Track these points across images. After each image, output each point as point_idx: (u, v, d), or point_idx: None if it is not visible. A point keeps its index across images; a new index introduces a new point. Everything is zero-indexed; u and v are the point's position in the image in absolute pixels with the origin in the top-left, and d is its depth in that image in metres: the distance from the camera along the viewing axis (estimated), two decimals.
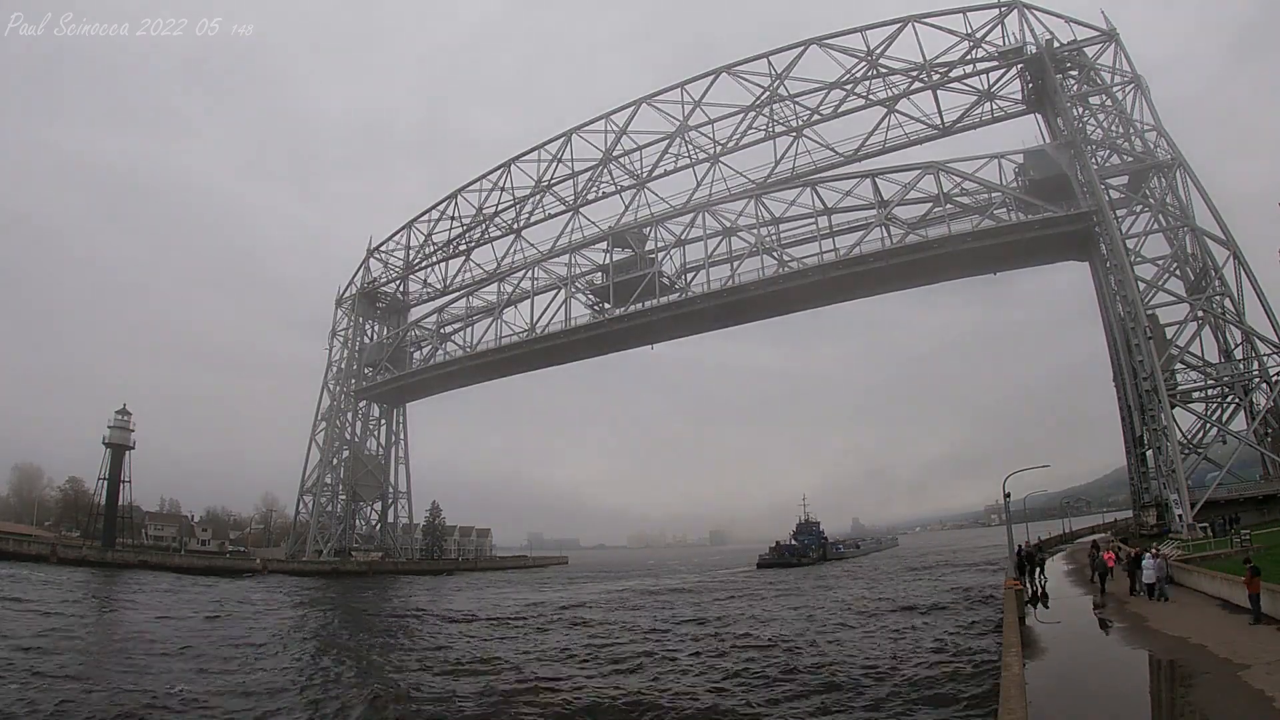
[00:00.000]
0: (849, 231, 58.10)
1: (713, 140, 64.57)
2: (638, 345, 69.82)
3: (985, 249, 52.78)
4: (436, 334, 78.81)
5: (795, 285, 58.15)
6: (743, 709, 14.81)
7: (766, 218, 60.39)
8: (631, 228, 66.84)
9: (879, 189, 56.46)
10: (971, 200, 54.74)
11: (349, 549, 78.54)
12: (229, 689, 17.60)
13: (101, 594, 40.23)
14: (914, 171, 55.00)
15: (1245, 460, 43.00)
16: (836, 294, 60.32)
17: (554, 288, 69.65)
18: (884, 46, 57.71)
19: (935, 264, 54.74)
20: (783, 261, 58.82)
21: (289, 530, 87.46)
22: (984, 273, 57.51)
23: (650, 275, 62.65)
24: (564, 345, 68.91)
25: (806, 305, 63.17)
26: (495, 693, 16.92)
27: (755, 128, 63.24)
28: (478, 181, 76.57)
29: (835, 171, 59.79)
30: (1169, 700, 11.22)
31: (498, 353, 71.29)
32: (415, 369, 79.16)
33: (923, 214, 55.36)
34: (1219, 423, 44.07)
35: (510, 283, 72.56)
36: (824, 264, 56.77)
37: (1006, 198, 53.03)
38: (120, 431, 73.28)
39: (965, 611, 27.76)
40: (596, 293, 67.79)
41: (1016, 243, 51.86)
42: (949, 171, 53.99)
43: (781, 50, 60.65)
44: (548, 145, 71.72)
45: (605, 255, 67.66)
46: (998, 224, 52.29)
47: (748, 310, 62.94)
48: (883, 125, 59.29)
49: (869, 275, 56.31)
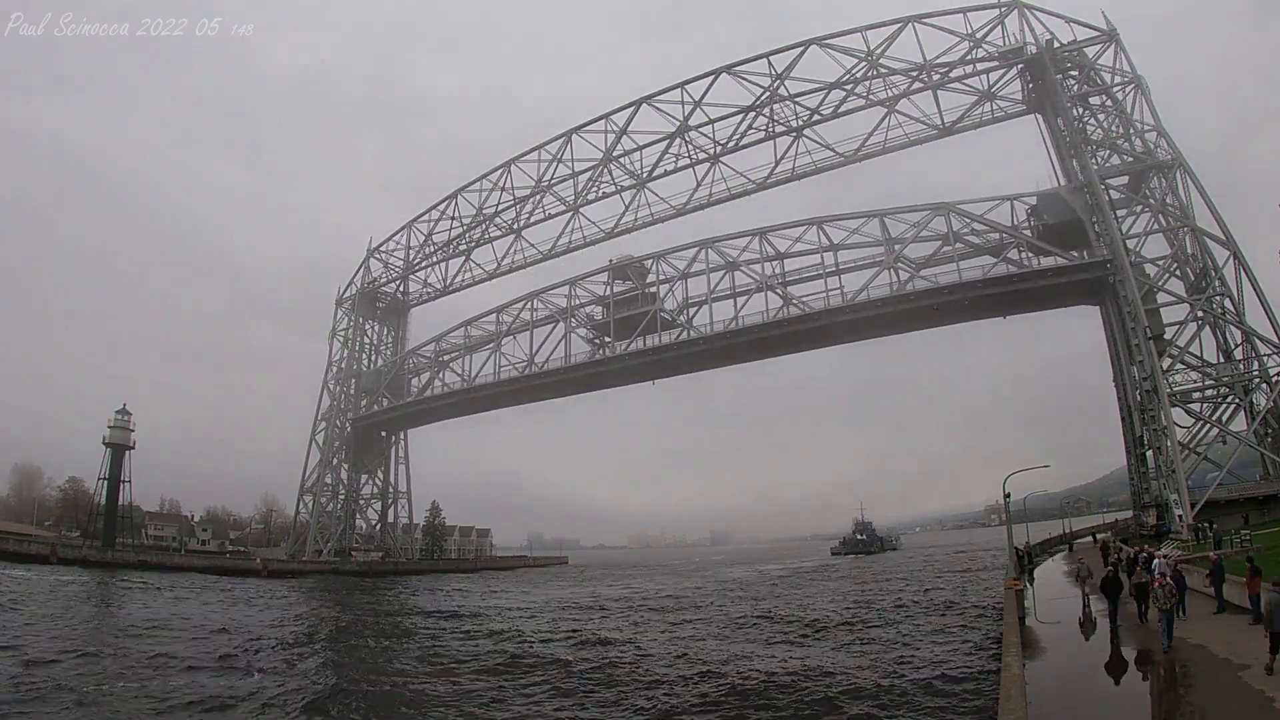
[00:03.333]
0: (855, 269, 56.83)
1: (713, 140, 64.54)
2: (638, 382, 68.80)
3: (996, 296, 51.65)
4: (435, 361, 78.28)
5: (801, 329, 57.21)
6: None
7: (770, 253, 59.37)
8: (632, 261, 66.09)
9: (887, 228, 54.95)
10: (982, 240, 53.49)
11: (349, 549, 78.57)
12: (235, 692, 17.62)
13: (103, 596, 40.25)
14: (923, 212, 53.79)
15: (1245, 460, 43.01)
16: (842, 336, 58.99)
17: (553, 320, 68.93)
18: (884, 47, 57.63)
19: (944, 309, 53.78)
20: (787, 299, 57.42)
21: (289, 530, 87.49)
22: (993, 316, 56.03)
23: (652, 313, 61.74)
24: (563, 381, 68.46)
25: (812, 346, 62.17)
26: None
27: (755, 128, 63.17)
28: (478, 181, 76.58)
29: (842, 211, 58.91)
30: (1169, 700, 11.23)
31: (495, 387, 71.07)
32: (412, 400, 78.50)
33: (931, 253, 54.12)
34: (1219, 423, 44.10)
35: (510, 313, 71.91)
36: (830, 308, 55.43)
37: (1019, 244, 51.77)
38: (120, 431, 73.20)
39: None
40: (596, 327, 66.96)
41: (1029, 291, 50.64)
42: (959, 213, 52.90)
43: (781, 50, 60.60)
44: (548, 145, 71.68)
45: (605, 286, 67.06)
46: (1009, 270, 50.86)
47: (752, 350, 61.95)
48: (883, 125, 59.28)
49: (876, 319, 55.33)
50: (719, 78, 62.51)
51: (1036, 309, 56.00)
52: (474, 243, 78.84)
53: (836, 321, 55.74)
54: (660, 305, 62.75)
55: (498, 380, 70.54)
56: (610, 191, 69.96)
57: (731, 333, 59.35)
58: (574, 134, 69.70)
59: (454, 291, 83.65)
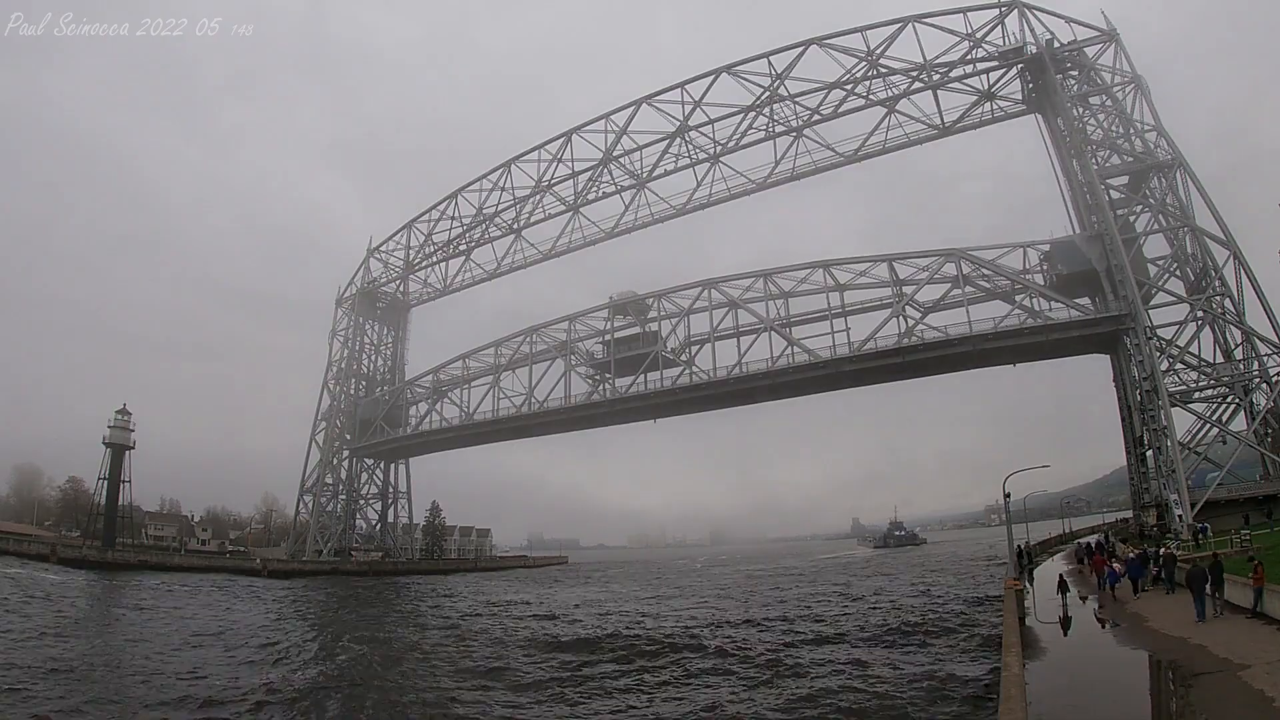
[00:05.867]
0: (862, 311, 56.00)
1: (713, 140, 64.51)
2: (638, 420, 67.85)
3: (1006, 348, 50.96)
4: (434, 391, 77.83)
5: (806, 377, 56.46)
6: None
7: (774, 291, 58.65)
8: (633, 299, 65.49)
9: (895, 271, 54.11)
10: (992, 285, 52.66)
11: (349, 549, 78.54)
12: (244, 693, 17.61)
13: (107, 598, 40.24)
14: (934, 257, 53.12)
15: (1245, 460, 43.03)
16: (848, 383, 58.13)
17: (552, 356, 68.25)
18: (884, 46, 57.58)
19: (953, 359, 53.12)
20: (792, 341, 56.44)
21: (289, 530, 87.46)
22: (1002, 364, 55.11)
23: (653, 354, 61.05)
24: (562, 421, 68.05)
25: (817, 390, 61.19)
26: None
27: (755, 128, 63.12)
28: (478, 181, 76.58)
29: (850, 255, 57.29)
30: (1169, 700, 11.23)
31: (493, 424, 70.70)
32: (409, 435, 77.94)
33: (940, 296, 53.19)
34: (1219, 423, 44.11)
35: (509, 346, 71.31)
36: (837, 358, 54.47)
37: (1031, 293, 50.85)
38: (120, 431, 73.18)
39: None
40: (596, 365, 66.17)
41: (1040, 343, 49.80)
42: (970, 259, 52.16)
43: (781, 50, 60.58)
44: (548, 145, 71.68)
45: (605, 322, 66.41)
46: (1020, 318, 49.98)
47: (755, 395, 61.07)
48: (883, 125, 59.25)
49: (884, 368, 54.68)
50: (719, 78, 62.52)
51: (1047, 357, 54.45)
52: (474, 243, 78.85)
53: (843, 371, 54.81)
54: (663, 346, 61.60)
55: (496, 418, 69.87)
56: (610, 191, 69.99)
57: (735, 379, 58.21)
58: (574, 134, 69.75)
59: (454, 291, 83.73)
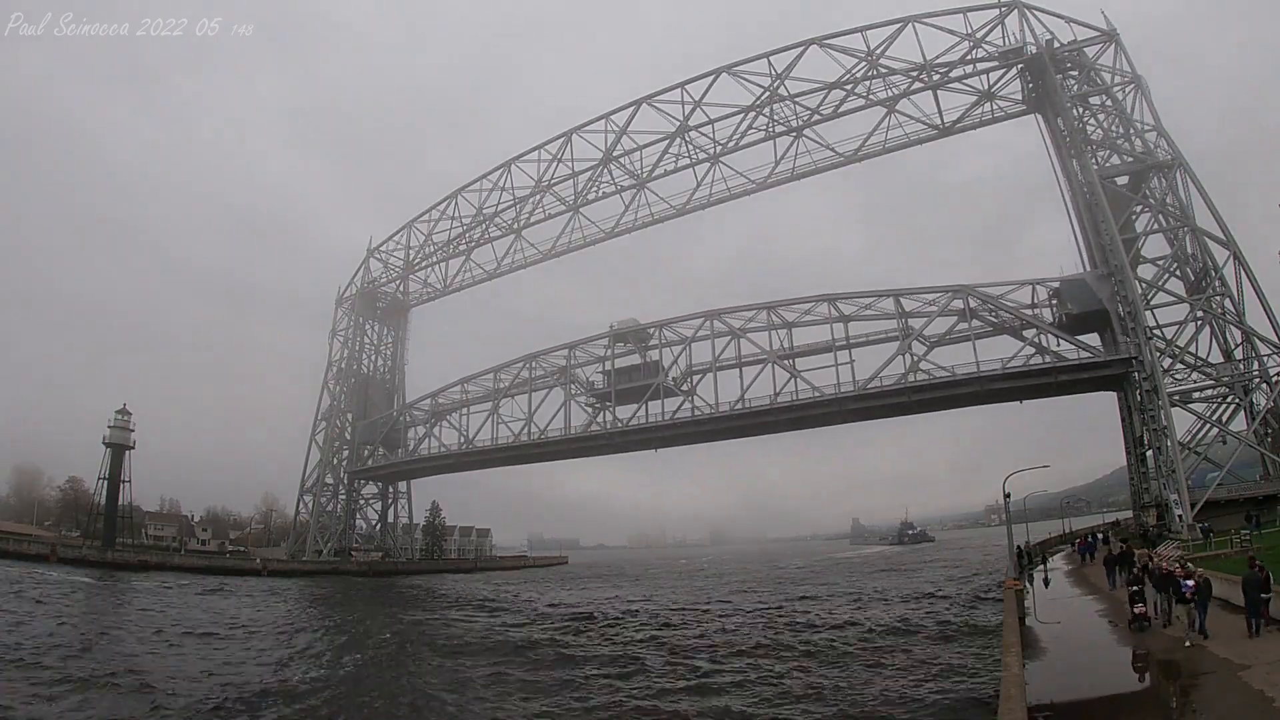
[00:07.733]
0: (867, 344, 55.64)
1: (713, 140, 64.51)
2: (639, 450, 67.56)
3: (1014, 388, 50.72)
4: (433, 415, 77.57)
5: (810, 414, 56.31)
6: None
7: (777, 322, 58.35)
8: (634, 327, 65.04)
9: (901, 305, 53.56)
10: (999, 320, 52.17)
11: (349, 549, 78.58)
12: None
13: (109, 600, 40.23)
14: (940, 293, 52.71)
15: (1245, 460, 43.02)
16: (852, 418, 57.63)
17: (550, 385, 68.12)
18: (884, 46, 57.54)
19: (960, 399, 53.10)
20: (795, 374, 56.06)
21: (289, 530, 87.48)
22: (1008, 401, 54.47)
23: (655, 385, 60.88)
24: (561, 450, 67.94)
25: (820, 424, 60.76)
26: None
27: (755, 128, 63.10)
28: (478, 182, 76.67)
29: (856, 289, 56.61)
30: (1169, 700, 11.23)
31: (492, 453, 70.59)
32: (408, 460, 77.86)
33: (946, 330, 52.84)
34: (1219, 423, 44.10)
35: (509, 372, 70.94)
36: (841, 395, 54.09)
37: (1040, 332, 50.33)
38: (120, 431, 73.16)
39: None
40: (596, 395, 65.84)
41: (1047, 383, 49.65)
42: (978, 294, 51.77)
43: (781, 50, 60.58)
44: (548, 145, 71.74)
45: (606, 349, 66.24)
46: (1028, 357, 49.66)
47: (756, 428, 60.89)
48: (883, 125, 59.24)
49: (888, 406, 54.43)
50: (719, 78, 62.52)
51: (1053, 395, 53.86)
52: (474, 243, 78.89)
53: (846, 409, 54.61)
54: (664, 377, 61.30)
55: (495, 445, 69.67)
56: (610, 191, 69.98)
57: (737, 414, 58.00)
58: (574, 134, 69.78)
59: (454, 291, 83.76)
